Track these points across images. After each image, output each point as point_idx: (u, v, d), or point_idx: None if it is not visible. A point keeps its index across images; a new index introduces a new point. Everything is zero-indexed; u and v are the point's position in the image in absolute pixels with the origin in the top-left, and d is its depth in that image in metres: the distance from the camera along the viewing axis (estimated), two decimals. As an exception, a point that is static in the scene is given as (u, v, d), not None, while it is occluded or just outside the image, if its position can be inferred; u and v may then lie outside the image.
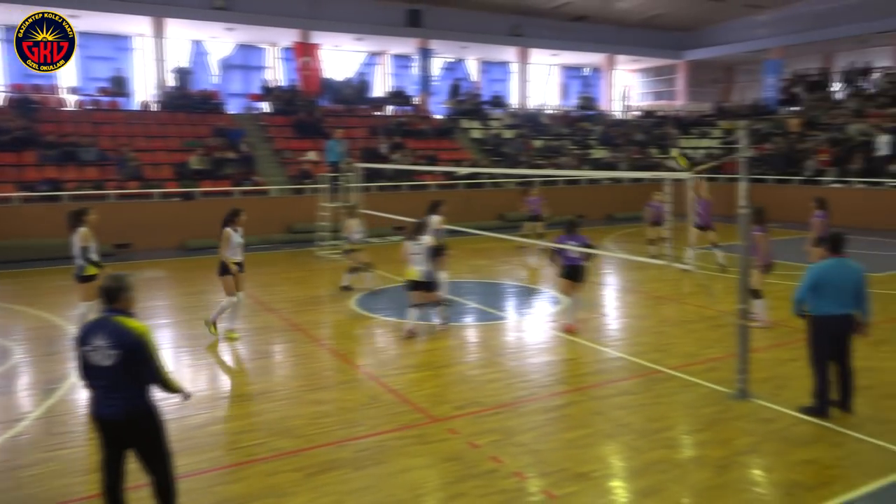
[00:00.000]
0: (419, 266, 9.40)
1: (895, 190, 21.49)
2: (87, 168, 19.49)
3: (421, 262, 9.39)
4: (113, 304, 4.54)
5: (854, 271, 6.52)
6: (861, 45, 30.54)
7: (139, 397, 4.52)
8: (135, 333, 4.42)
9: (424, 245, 9.41)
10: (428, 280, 9.54)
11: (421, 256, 9.38)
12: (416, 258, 9.40)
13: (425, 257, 9.39)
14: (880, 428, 6.32)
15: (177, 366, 8.73)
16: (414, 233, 9.54)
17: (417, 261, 9.39)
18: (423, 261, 9.39)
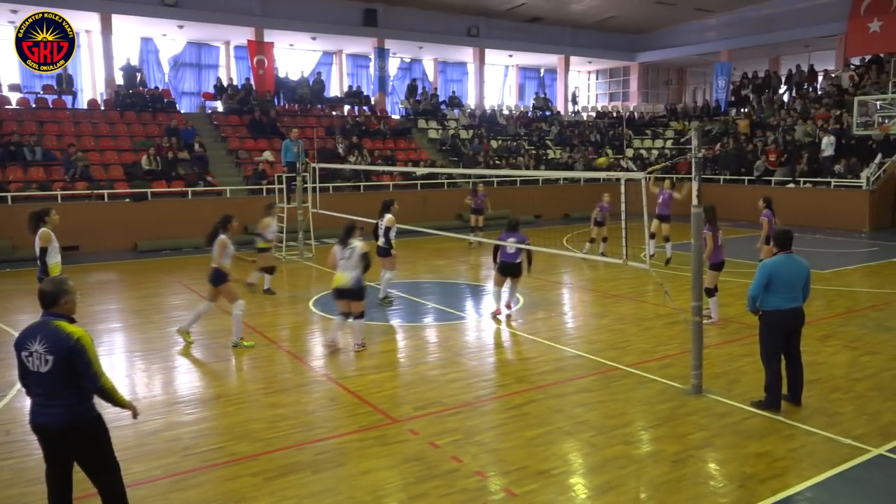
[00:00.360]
0: (347, 272, 8.74)
1: (840, 189, 22.23)
2: (31, 168, 18.88)
3: (349, 269, 8.73)
4: (52, 309, 4.36)
5: (802, 266, 6.73)
6: (805, 48, 31.56)
7: (79, 405, 4.33)
8: (72, 338, 4.24)
9: (355, 251, 8.75)
10: (355, 288, 8.80)
11: (350, 262, 8.72)
12: (345, 264, 8.77)
13: (355, 263, 8.72)
14: (829, 420, 6.53)
15: (130, 370, 8.53)
16: (344, 237, 8.88)
17: (345, 266, 8.75)
18: (353, 267, 8.72)
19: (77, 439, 4.34)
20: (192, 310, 10.02)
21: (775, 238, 6.77)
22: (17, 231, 16.89)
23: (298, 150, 16.75)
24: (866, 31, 26.31)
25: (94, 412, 4.43)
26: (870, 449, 5.89)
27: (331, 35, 27.42)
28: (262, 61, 25.27)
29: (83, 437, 4.36)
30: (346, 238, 8.86)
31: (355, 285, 8.76)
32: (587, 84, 39.95)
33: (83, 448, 4.39)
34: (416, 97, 29.58)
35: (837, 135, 23.29)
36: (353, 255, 8.72)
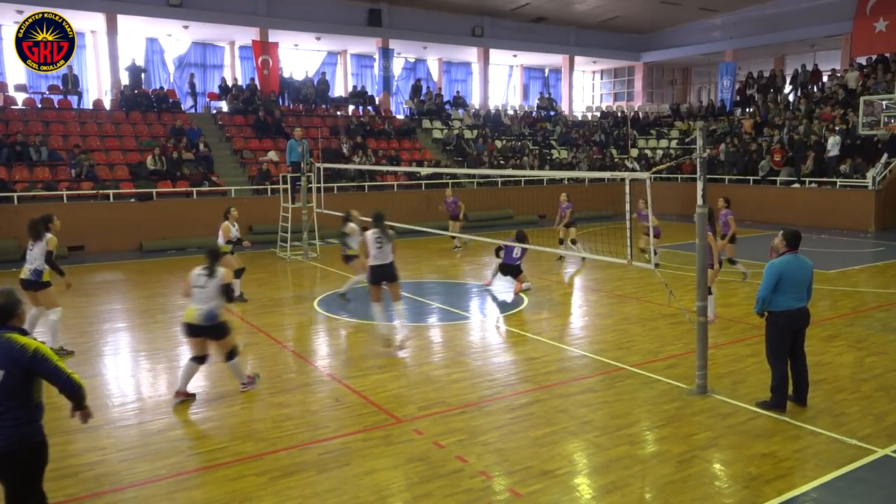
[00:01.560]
0: (199, 305, 7.01)
1: (845, 189, 22.16)
2: (37, 168, 18.94)
3: (203, 300, 7.01)
4: (10, 322, 4.10)
5: (808, 266, 6.74)
6: (810, 48, 31.48)
7: (25, 426, 4.02)
8: (29, 350, 3.98)
9: (215, 278, 7.06)
10: (207, 325, 7.03)
11: (205, 293, 7.02)
12: (199, 293, 7.03)
13: (211, 294, 7.03)
14: (834, 421, 6.51)
15: (136, 370, 8.55)
16: (209, 262, 7.18)
17: (199, 297, 7.02)
18: (207, 299, 7.02)
19: (12, 462, 3.99)
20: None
21: (786, 238, 6.74)
22: (23, 231, 16.96)
23: (303, 150, 16.77)
24: (872, 31, 26.23)
25: (41, 436, 4.15)
26: (876, 449, 5.87)
27: (335, 35, 27.44)
28: (266, 61, 25.31)
29: (20, 461, 4.01)
30: (211, 263, 7.19)
31: (207, 321, 7.01)
32: (591, 84, 39.90)
33: (16, 473, 4.02)
34: (420, 97, 29.59)
35: (843, 135, 23.21)
36: (208, 285, 7.02)
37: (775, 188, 23.92)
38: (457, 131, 27.76)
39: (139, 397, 7.49)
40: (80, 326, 10.62)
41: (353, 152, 23.36)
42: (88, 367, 8.47)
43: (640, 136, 32.32)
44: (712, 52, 32.91)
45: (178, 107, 24.11)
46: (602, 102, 38.60)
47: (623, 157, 30.40)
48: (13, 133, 19.20)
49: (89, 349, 9.29)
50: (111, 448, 6.12)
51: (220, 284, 7.07)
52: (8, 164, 18.56)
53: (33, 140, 19.26)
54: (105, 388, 7.75)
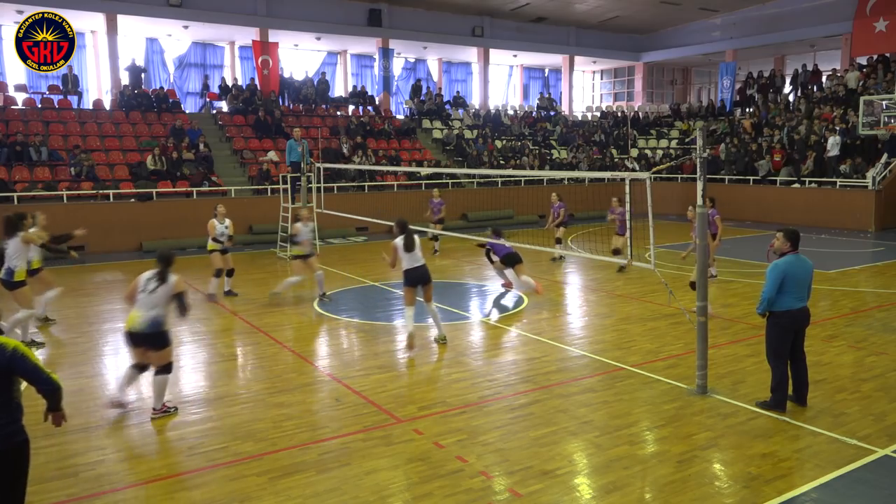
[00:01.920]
0: (143, 311, 6.67)
1: (845, 189, 22.16)
2: (37, 168, 18.95)
3: (147, 306, 6.67)
4: None
5: (809, 266, 6.75)
6: (810, 48, 31.49)
7: (8, 424, 3.99)
8: (7, 349, 3.95)
9: (165, 286, 6.73)
10: (150, 332, 6.67)
11: (151, 298, 6.67)
12: (144, 299, 6.69)
13: (157, 301, 6.69)
14: (834, 421, 6.51)
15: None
16: (161, 268, 6.83)
17: (143, 303, 6.68)
18: (152, 305, 6.67)
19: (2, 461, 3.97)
20: None
21: (789, 238, 6.73)
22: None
23: (303, 150, 16.78)
24: (872, 31, 26.24)
25: (23, 435, 4.09)
26: (876, 450, 5.87)
27: (335, 35, 27.45)
28: (266, 61, 25.32)
29: (10, 459, 3.99)
30: (163, 268, 6.82)
31: (151, 328, 6.65)
32: (591, 84, 39.91)
33: (6, 470, 3.99)
34: (420, 97, 29.60)
35: (843, 135, 23.21)
36: (157, 291, 6.69)
37: (775, 188, 23.93)
38: (457, 131, 27.77)
39: (139, 397, 7.48)
40: (80, 326, 10.62)
41: (353, 152, 23.37)
42: (88, 367, 8.48)
43: (640, 136, 32.32)
44: (712, 52, 32.93)
45: (179, 107, 24.12)
46: (602, 102, 38.60)
47: (623, 157, 30.40)
48: (13, 133, 19.21)
49: (89, 349, 9.29)
50: (111, 448, 6.12)
51: (171, 293, 6.74)
52: (8, 164, 18.57)
53: (33, 140, 19.26)
54: (105, 388, 7.75)
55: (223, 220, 12.37)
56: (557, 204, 15.79)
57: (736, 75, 31.81)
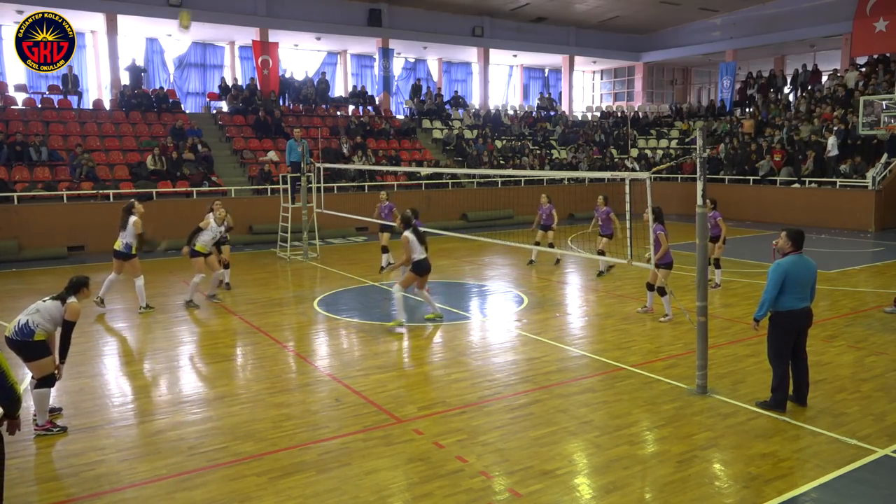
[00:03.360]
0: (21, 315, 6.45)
1: (845, 189, 22.16)
2: (37, 168, 18.95)
3: (28, 312, 6.44)
4: None
5: (812, 267, 6.74)
6: (810, 48, 31.49)
7: None
8: None
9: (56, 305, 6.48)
10: (18, 339, 6.34)
11: (35, 305, 6.49)
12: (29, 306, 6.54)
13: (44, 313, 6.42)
14: (834, 421, 6.50)
15: (128, 371, 8.54)
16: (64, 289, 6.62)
17: (27, 308, 6.51)
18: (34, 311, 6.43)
19: None
20: None
21: (791, 238, 6.73)
22: (23, 231, 17.04)
23: (303, 150, 16.78)
24: (872, 31, 26.24)
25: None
26: (876, 450, 5.87)
27: (335, 35, 27.46)
28: (266, 61, 25.32)
29: None
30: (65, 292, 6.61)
31: (17, 335, 6.33)
32: (591, 84, 39.91)
33: None
34: (420, 97, 29.60)
35: (843, 135, 23.21)
36: (46, 302, 6.49)
37: (775, 188, 23.93)
38: (457, 131, 27.77)
39: (139, 397, 7.49)
40: (81, 326, 10.55)
41: (353, 152, 23.37)
42: (88, 367, 8.48)
43: (640, 136, 32.33)
44: (712, 52, 32.93)
45: (179, 107, 24.11)
46: (602, 102, 38.61)
47: (623, 157, 30.40)
48: (13, 133, 19.21)
49: (89, 349, 9.29)
50: (111, 448, 6.12)
51: (60, 313, 6.44)
52: (8, 164, 18.57)
53: (33, 140, 19.26)
54: (105, 388, 7.75)
55: (221, 222, 12.46)
56: (547, 206, 15.48)
57: (736, 75, 31.82)
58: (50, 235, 17.31)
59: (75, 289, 6.65)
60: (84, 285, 6.72)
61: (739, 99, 31.45)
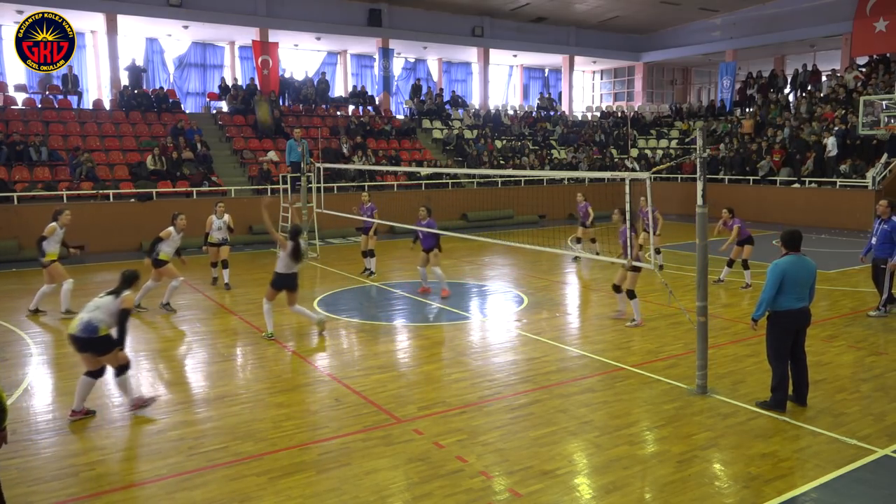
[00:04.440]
0: (83, 314, 6.75)
1: (845, 189, 22.16)
2: (37, 168, 18.95)
3: (88, 309, 6.76)
4: None
5: (811, 267, 6.75)
6: (810, 48, 31.48)
7: None
8: None
9: (114, 301, 6.79)
10: (83, 337, 6.64)
11: (94, 302, 6.82)
12: (88, 304, 6.86)
13: (99, 306, 6.75)
14: (834, 421, 6.50)
15: (136, 370, 8.52)
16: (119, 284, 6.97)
17: (87, 306, 6.82)
18: (92, 308, 6.75)
19: None
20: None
21: (787, 238, 6.74)
22: (23, 231, 17.01)
23: (303, 150, 16.78)
24: (872, 31, 26.23)
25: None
26: (875, 449, 5.87)
27: (335, 35, 27.45)
28: (266, 61, 25.32)
29: None
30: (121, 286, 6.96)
31: (83, 333, 6.64)
32: (591, 84, 39.90)
33: None
34: (420, 97, 29.60)
35: (843, 135, 23.20)
36: (104, 298, 6.81)
37: (775, 188, 23.93)
38: (457, 131, 27.77)
39: (139, 397, 7.48)
40: (80, 326, 10.60)
41: (353, 152, 23.36)
42: (88, 367, 8.47)
43: (640, 136, 32.32)
44: (712, 52, 32.92)
45: (179, 107, 24.11)
46: (602, 102, 38.61)
47: (623, 157, 30.40)
48: (13, 133, 19.21)
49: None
50: (111, 448, 6.12)
51: (117, 308, 6.72)
52: (8, 164, 18.57)
53: (33, 140, 19.26)
54: (105, 388, 7.75)
55: (222, 216, 12.98)
56: (583, 203, 15.75)
57: (736, 75, 31.81)
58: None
59: (129, 282, 7.07)
60: (137, 278, 7.21)
61: (739, 99, 31.44)
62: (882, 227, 10.29)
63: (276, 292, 9.71)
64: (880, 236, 10.28)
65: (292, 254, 9.49)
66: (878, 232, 10.33)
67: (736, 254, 12.87)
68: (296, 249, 9.51)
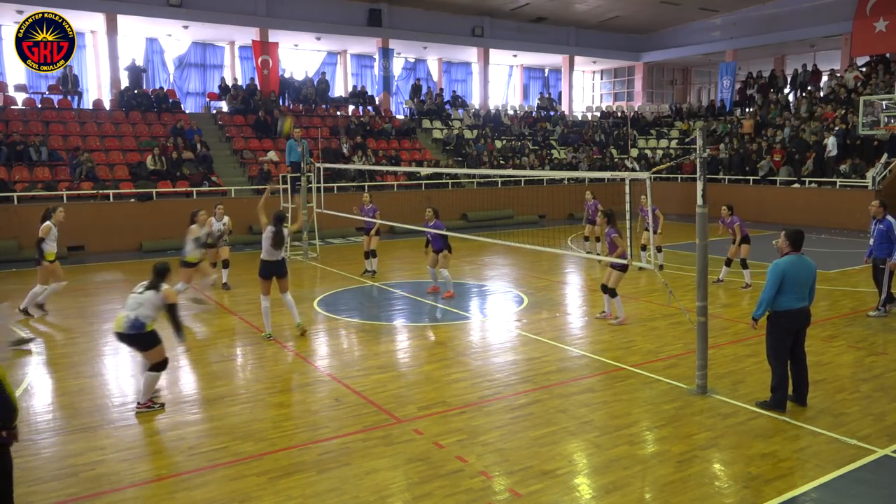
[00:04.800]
0: (127, 311, 6.95)
1: (845, 189, 22.16)
2: (37, 168, 18.95)
3: (131, 307, 6.95)
4: None
5: (811, 267, 6.75)
6: (810, 48, 31.48)
7: None
8: None
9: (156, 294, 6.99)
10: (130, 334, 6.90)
11: (137, 298, 6.98)
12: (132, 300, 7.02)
13: (142, 301, 6.94)
14: (834, 421, 6.50)
15: (136, 370, 8.53)
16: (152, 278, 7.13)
17: (129, 304, 7.00)
18: (136, 305, 6.94)
19: None
20: None
21: (789, 238, 6.73)
22: (23, 231, 17.01)
23: (303, 151, 16.77)
24: (872, 31, 26.23)
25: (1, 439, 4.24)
26: (875, 449, 5.87)
27: (335, 35, 27.45)
28: (266, 61, 25.31)
29: None
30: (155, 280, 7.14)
31: (131, 329, 6.88)
32: (591, 84, 39.90)
33: None
34: (420, 97, 29.60)
35: (843, 135, 23.20)
36: (144, 294, 6.98)
37: (775, 188, 23.92)
38: (457, 131, 27.77)
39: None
40: (81, 326, 10.62)
41: (353, 152, 23.36)
42: (88, 367, 8.48)
43: (640, 136, 32.32)
44: (712, 52, 32.92)
45: (179, 107, 24.10)
46: (602, 102, 38.60)
47: (623, 157, 30.40)
48: (13, 133, 19.21)
49: (89, 349, 9.29)
50: (111, 448, 6.12)
51: (160, 302, 6.94)
52: (8, 164, 18.57)
53: (33, 140, 19.26)
54: (105, 388, 7.75)
55: (221, 218, 12.82)
56: (592, 202, 15.76)
57: (736, 75, 31.81)
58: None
59: (162, 275, 7.17)
60: (168, 270, 7.29)
61: (739, 99, 31.43)
62: (878, 227, 10.30)
63: (266, 282, 9.57)
64: (877, 237, 10.30)
65: (273, 239, 9.38)
66: (875, 232, 10.34)
67: (733, 253, 12.88)
68: (277, 235, 9.37)
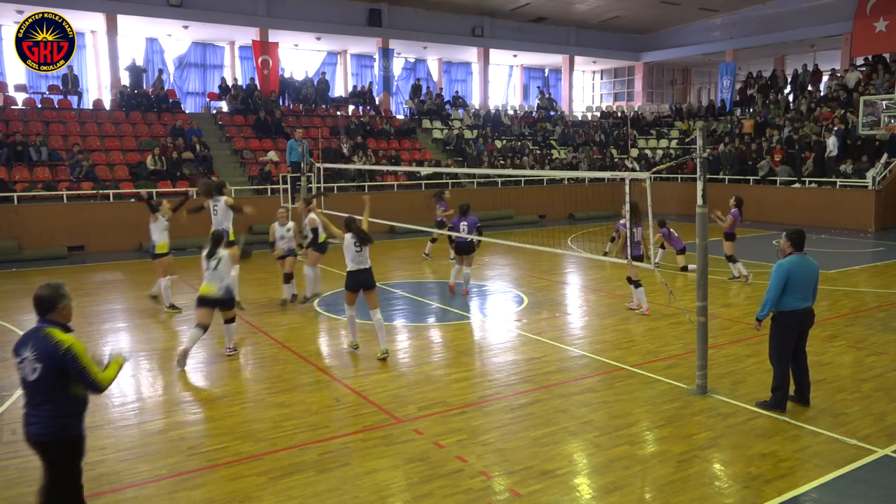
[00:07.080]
0: (215, 283, 8.54)
1: (845, 189, 22.16)
2: (37, 168, 18.95)
3: (217, 279, 8.55)
4: (48, 315, 4.22)
5: (814, 267, 6.74)
6: (810, 48, 31.48)
7: (60, 418, 4.17)
8: (62, 347, 4.11)
9: (222, 260, 8.57)
10: (225, 297, 8.70)
11: (217, 273, 8.53)
12: (211, 275, 8.55)
13: (223, 273, 8.59)
14: (834, 421, 6.51)
15: (136, 370, 8.54)
16: (212, 248, 8.67)
17: (212, 277, 8.54)
18: (221, 277, 8.57)
19: (48, 453, 4.19)
20: None
21: (791, 238, 6.73)
22: (23, 231, 17.04)
23: (303, 151, 16.78)
24: (872, 31, 26.23)
25: (77, 430, 4.27)
26: (876, 449, 5.87)
27: (335, 35, 27.45)
28: (266, 61, 25.31)
29: (54, 452, 4.18)
30: (213, 249, 8.64)
31: (225, 294, 8.67)
32: (591, 84, 39.90)
33: (52, 461, 4.21)
34: (420, 97, 29.59)
35: (843, 135, 23.20)
36: (219, 266, 8.52)
37: (775, 188, 23.93)
38: (457, 131, 27.77)
39: (139, 397, 7.49)
40: (80, 326, 10.60)
41: (353, 152, 23.36)
42: (88, 367, 8.46)
43: (640, 136, 32.32)
44: (712, 52, 32.90)
45: (179, 107, 24.10)
46: (602, 102, 38.59)
47: (623, 157, 30.40)
48: (13, 133, 19.21)
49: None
50: (111, 448, 6.12)
51: (230, 261, 8.66)
52: (8, 164, 18.57)
53: (33, 140, 19.25)
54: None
55: (285, 223, 12.23)
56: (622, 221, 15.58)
57: (736, 75, 31.80)
58: (50, 235, 17.32)
59: (218, 241, 8.72)
60: (223, 237, 9.02)
61: (739, 99, 31.43)
62: None
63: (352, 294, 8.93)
64: None
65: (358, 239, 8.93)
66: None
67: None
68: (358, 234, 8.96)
